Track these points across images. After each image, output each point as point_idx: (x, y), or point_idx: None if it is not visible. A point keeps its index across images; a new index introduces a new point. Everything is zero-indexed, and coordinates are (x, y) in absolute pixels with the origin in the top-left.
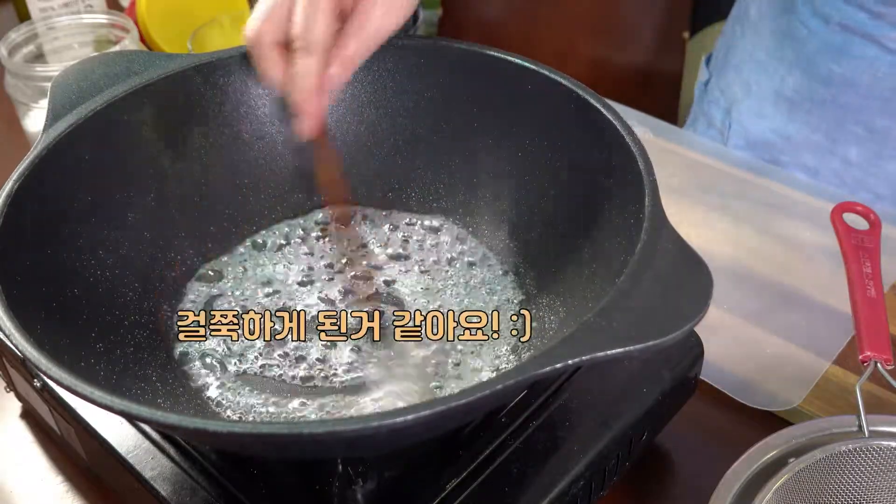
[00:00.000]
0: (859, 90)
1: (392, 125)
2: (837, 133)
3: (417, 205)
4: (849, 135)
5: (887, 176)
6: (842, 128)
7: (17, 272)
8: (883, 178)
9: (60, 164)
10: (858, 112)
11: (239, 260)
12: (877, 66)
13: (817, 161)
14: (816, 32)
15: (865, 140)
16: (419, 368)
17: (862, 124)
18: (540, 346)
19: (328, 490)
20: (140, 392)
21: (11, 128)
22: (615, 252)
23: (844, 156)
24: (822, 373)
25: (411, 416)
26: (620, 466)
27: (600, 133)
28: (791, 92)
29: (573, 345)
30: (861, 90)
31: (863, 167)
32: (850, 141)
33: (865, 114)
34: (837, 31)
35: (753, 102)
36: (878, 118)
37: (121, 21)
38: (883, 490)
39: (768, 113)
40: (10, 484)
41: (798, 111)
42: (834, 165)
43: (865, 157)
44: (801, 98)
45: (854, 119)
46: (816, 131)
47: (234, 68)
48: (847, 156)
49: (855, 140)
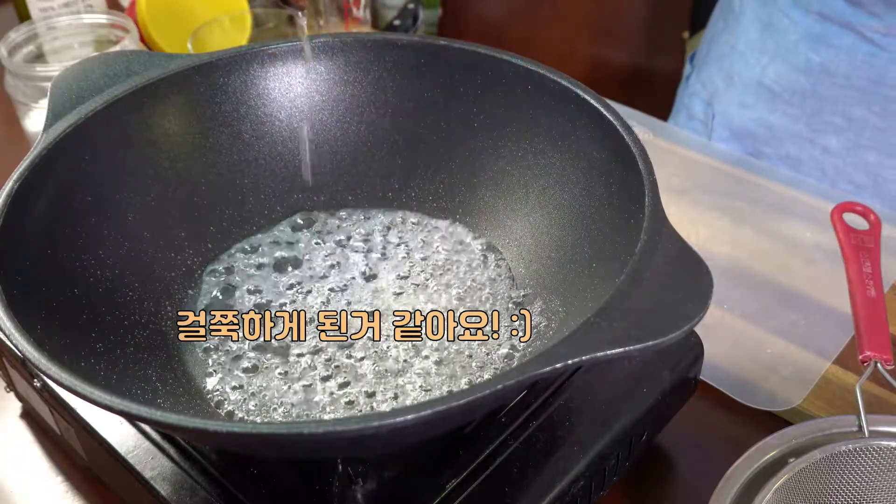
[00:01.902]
0: (837, 79)
1: (392, 125)
2: (817, 123)
3: (417, 205)
4: (828, 125)
5: (866, 166)
6: (821, 118)
7: (17, 272)
8: (862, 168)
9: (60, 164)
10: (836, 102)
11: (239, 260)
12: (854, 55)
13: (799, 151)
14: (797, 22)
15: (844, 130)
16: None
17: (840, 114)
18: (540, 346)
19: (328, 490)
20: (140, 392)
21: (11, 128)
22: (615, 252)
23: (824, 145)
24: (822, 373)
25: (411, 416)
26: (620, 466)
27: (600, 133)
28: (772, 82)
29: (573, 345)
30: (839, 80)
31: (842, 157)
32: (829, 131)
33: (843, 103)
34: (816, 19)
35: (736, 93)
36: (856, 108)
37: (121, 21)
38: (883, 490)
39: (750, 103)
40: (10, 484)
41: (779, 101)
42: (815, 155)
43: (844, 147)
44: (781, 88)
45: (832, 109)
46: (797, 121)
47: (234, 68)
48: (827, 145)
49: (834, 130)
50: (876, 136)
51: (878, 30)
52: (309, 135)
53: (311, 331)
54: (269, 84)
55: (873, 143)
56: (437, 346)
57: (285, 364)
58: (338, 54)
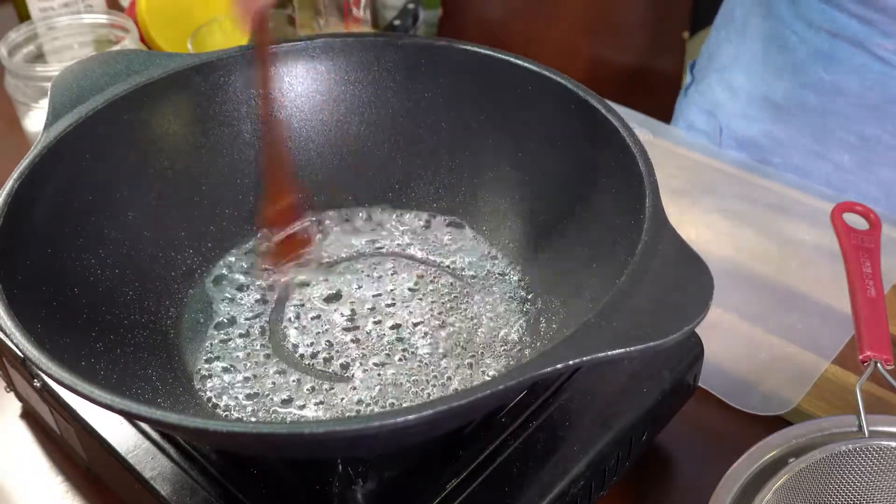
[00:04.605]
0: (849, 98)
1: (392, 125)
2: (828, 139)
3: (417, 205)
4: (840, 141)
5: (879, 181)
6: (832, 134)
7: (17, 272)
8: (875, 183)
9: (60, 164)
10: (848, 120)
11: (238, 260)
12: (866, 74)
13: (807, 163)
14: (805, 39)
15: (857, 147)
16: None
17: (853, 132)
18: (540, 346)
19: (328, 490)
20: (140, 392)
21: (11, 128)
22: (615, 252)
23: (836, 161)
24: (822, 373)
25: (412, 416)
26: (620, 466)
27: (601, 134)
28: (779, 97)
29: (573, 345)
30: (850, 98)
31: (854, 172)
32: (841, 147)
33: (855, 122)
34: (826, 37)
35: (740, 105)
36: (868, 126)
37: (121, 21)
38: (883, 490)
39: (755, 115)
40: (10, 484)
41: (785, 115)
42: (826, 169)
43: (857, 163)
44: (789, 104)
45: (844, 127)
46: (805, 135)
47: (234, 68)
48: (839, 161)
49: (846, 147)
50: (889, 154)
51: (890, 49)
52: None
53: (313, 329)
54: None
55: (886, 159)
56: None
57: (286, 364)
58: (338, 54)
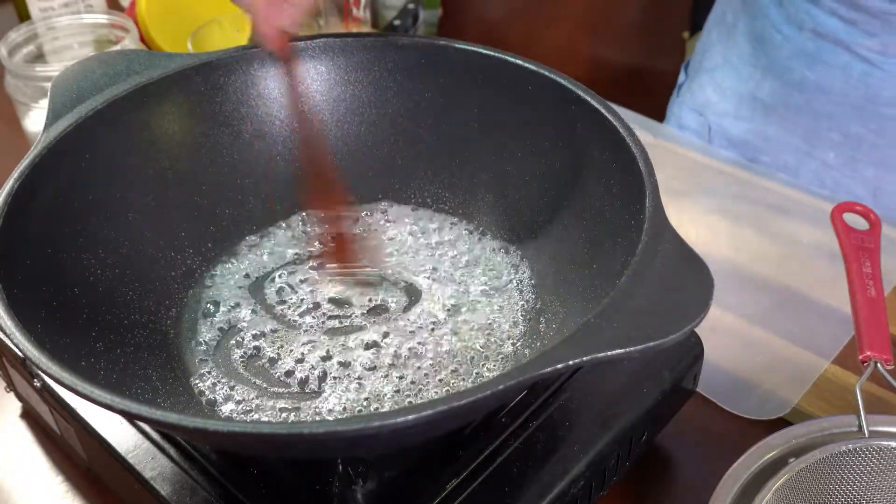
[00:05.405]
0: (832, 97)
1: (392, 125)
2: (814, 137)
3: (417, 205)
4: (825, 139)
5: (864, 180)
6: (817, 133)
7: (17, 272)
8: (860, 181)
9: (60, 164)
10: (832, 118)
11: (238, 260)
12: (849, 73)
13: (797, 162)
14: (790, 38)
15: (841, 145)
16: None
17: (836, 130)
18: (540, 346)
19: (328, 490)
20: (140, 392)
21: (11, 128)
22: (615, 252)
23: (822, 159)
24: (822, 373)
25: (412, 416)
26: (620, 466)
27: (601, 134)
28: (766, 96)
29: (573, 345)
30: (834, 97)
31: (840, 170)
32: (826, 145)
33: (839, 120)
34: (810, 37)
35: (729, 105)
36: (852, 125)
37: (121, 21)
38: (883, 490)
39: (745, 115)
40: (10, 484)
41: (773, 115)
42: (813, 167)
43: (843, 161)
44: (776, 102)
45: (828, 125)
46: (793, 134)
47: (234, 68)
48: (825, 159)
49: (831, 145)
50: (872, 153)
51: (873, 48)
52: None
53: (313, 328)
54: (269, 84)
55: (870, 158)
56: (434, 346)
57: (286, 364)
58: (338, 54)
